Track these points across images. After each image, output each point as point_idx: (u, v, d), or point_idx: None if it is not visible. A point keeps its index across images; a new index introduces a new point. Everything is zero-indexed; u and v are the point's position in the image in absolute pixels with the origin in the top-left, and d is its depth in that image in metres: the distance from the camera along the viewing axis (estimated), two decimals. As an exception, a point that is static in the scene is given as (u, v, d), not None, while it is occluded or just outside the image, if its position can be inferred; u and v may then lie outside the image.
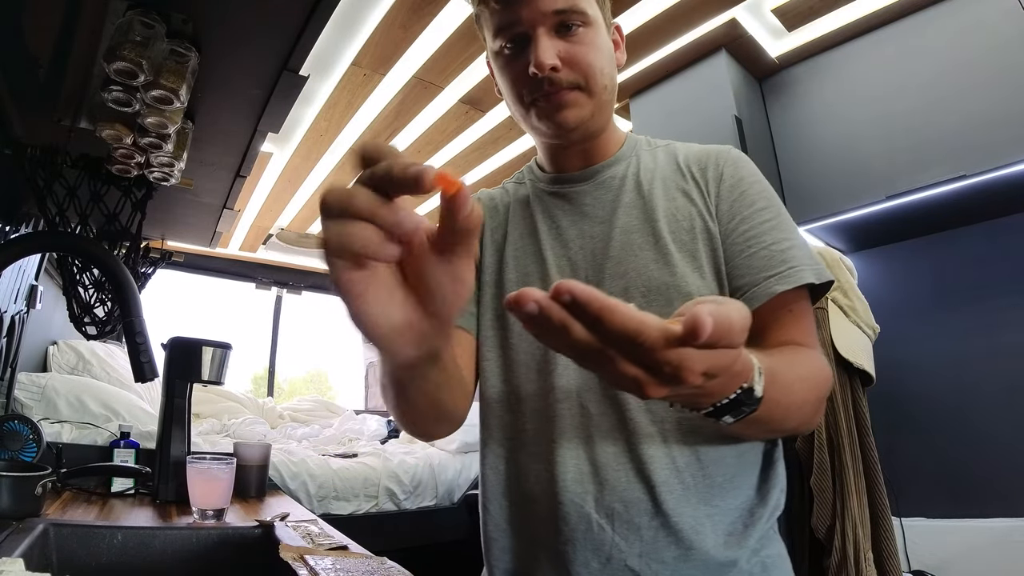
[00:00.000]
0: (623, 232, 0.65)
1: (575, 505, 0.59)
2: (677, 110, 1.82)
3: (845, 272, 1.56)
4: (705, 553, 0.56)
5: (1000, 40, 1.36)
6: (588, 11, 0.63)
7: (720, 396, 0.40)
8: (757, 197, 0.63)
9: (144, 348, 0.92)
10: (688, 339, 0.29)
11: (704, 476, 0.58)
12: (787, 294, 0.58)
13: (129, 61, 0.82)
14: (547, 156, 0.74)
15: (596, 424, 0.60)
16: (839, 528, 1.33)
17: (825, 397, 0.57)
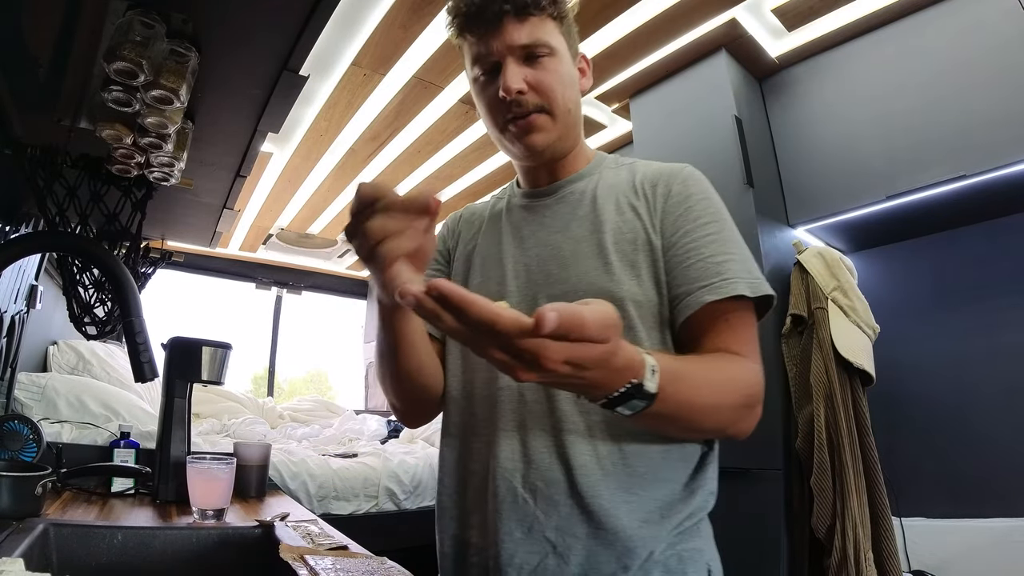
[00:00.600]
0: (573, 242, 0.73)
1: (505, 480, 0.67)
2: (677, 110, 1.82)
3: (845, 272, 1.56)
4: (615, 534, 0.62)
5: (1000, 40, 1.36)
6: (552, 43, 0.71)
7: (609, 388, 0.47)
8: (702, 213, 0.69)
9: (144, 348, 0.92)
10: (536, 330, 0.36)
11: (625, 465, 0.64)
12: (722, 304, 0.63)
13: (129, 61, 0.82)
14: (521, 173, 0.83)
15: (531, 412, 0.68)
16: (839, 528, 1.33)
17: (751, 405, 0.62)
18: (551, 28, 0.72)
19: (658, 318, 0.68)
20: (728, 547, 1.49)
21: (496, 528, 0.66)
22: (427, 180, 2.50)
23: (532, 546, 0.64)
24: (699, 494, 0.67)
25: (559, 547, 0.63)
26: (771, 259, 1.56)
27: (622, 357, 0.45)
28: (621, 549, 0.62)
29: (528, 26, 0.70)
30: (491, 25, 0.70)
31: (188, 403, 1.42)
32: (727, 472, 1.46)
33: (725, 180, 1.63)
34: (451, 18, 0.74)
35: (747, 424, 0.62)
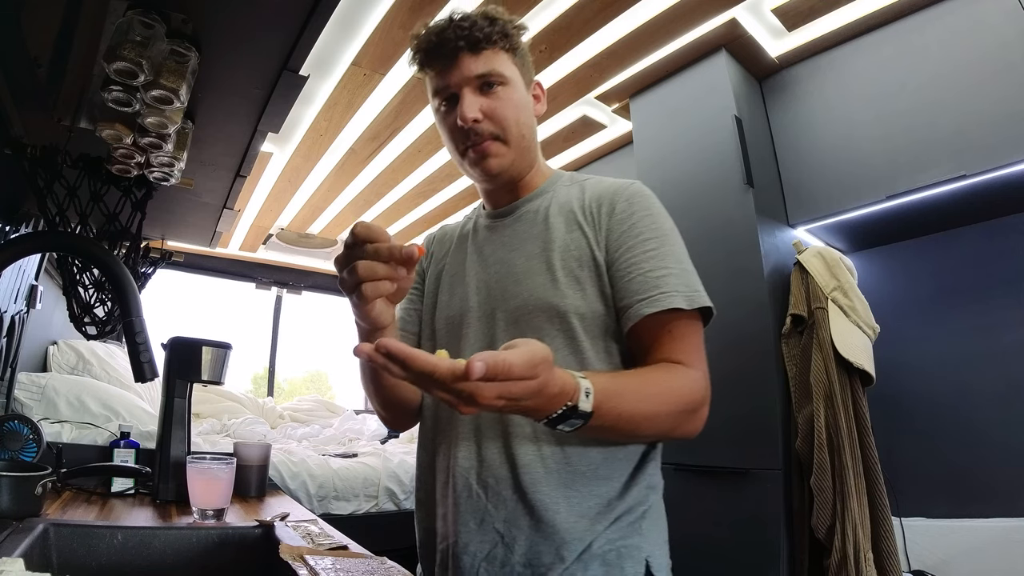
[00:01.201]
0: (525, 259, 0.79)
1: (463, 477, 0.74)
2: (677, 110, 1.82)
3: (845, 272, 1.56)
4: (555, 527, 0.68)
5: (1000, 40, 1.36)
6: (505, 73, 0.78)
7: (547, 411, 0.54)
8: (644, 229, 0.74)
9: (144, 348, 0.92)
10: (466, 376, 0.44)
11: (567, 464, 0.71)
12: (664, 316, 0.69)
13: (129, 61, 0.82)
14: (483, 196, 0.89)
15: (486, 419, 0.75)
16: (839, 528, 1.33)
17: (692, 409, 0.67)
18: (504, 59, 0.78)
19: (603, 328, 0.74)
20: (728, 547, 1.49)
21: (455, 519, 0.73)
22: (427, 180, 2.50)
23: (484, 536, 0.71)
24: (636, 489, 0.72)
25: (506, 537, 0.70)
26: (771, 259, 1.56)
27: (555, 385, 0.52)
28: (559, 541, 0.68)
29: (482, 59, 0.76)
30: (449, 60, 0.77)
31: (188, 403, 1.42)
32: (726, 472, 1.47)
33: (725, 180, 1.63)
34: (413, 54, 0.82)
35: (691, 427, 0.68)
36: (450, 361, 0.45)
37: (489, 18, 0.77)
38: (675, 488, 1.57)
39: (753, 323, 1.52)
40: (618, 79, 1.86)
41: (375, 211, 2.85)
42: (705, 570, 1.44)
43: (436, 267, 0.91)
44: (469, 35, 0.76)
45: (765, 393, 1.47)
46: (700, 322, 0.72)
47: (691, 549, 1.53)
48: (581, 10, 1.52)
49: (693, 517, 1.52)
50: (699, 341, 0.72)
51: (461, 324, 0.80)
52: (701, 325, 0.73)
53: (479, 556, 0.70)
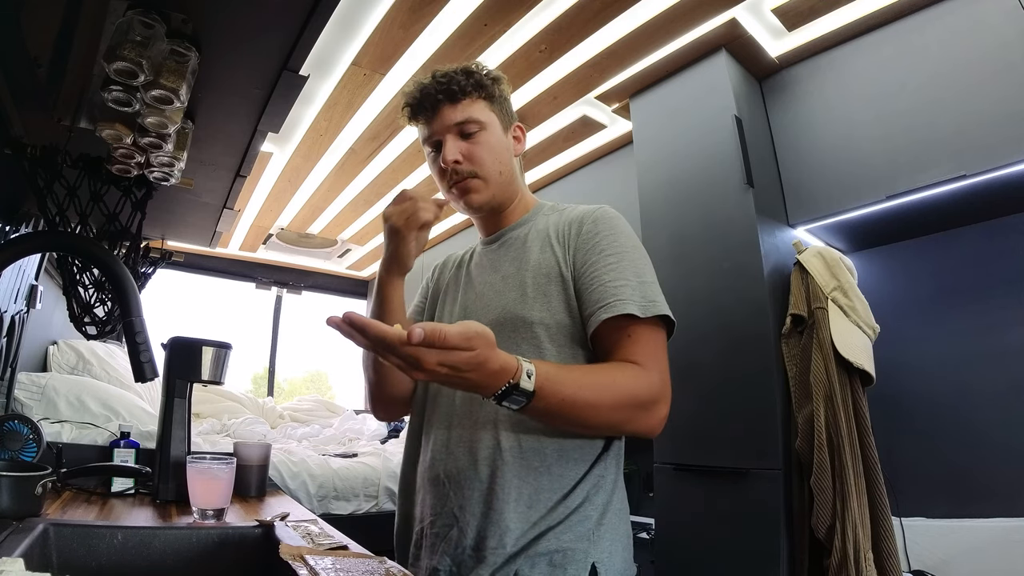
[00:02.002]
0: (502, 279, 0.90)
1: (434, 468, 0.83)
2: (677, 110, 1.82)
3: (845, 272, 1.56)
4: (502, 516, 0.75)
5: (1000, 40, 1.36)
6: (482, 118, 0.89)
7: (492, 388, 0.62)
8: (606, 246, 0.83)
9: (144, 348, 0.92)
10: (408, 340, 0.53)
11: (522, 458, 0.78)
12: (622, 322, 0.76)
13: (129, 61, 0.82)
14: (476, 225, 1.02)
15: (457, 412, 0.84)
16: (839, 528, 1.33)
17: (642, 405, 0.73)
18: (481, 107, 0.89)
19: (569, 337, 0.82)
20: (728, 547, 1.49)
21: (424, 503, 0.84)
22: (427, 180, 2.50)
23: (444, 519, 0.80)
24: (583, 489, 0.78)
25: (460, 521, 0.78)
26: (771, 259, 1.56)
27: (495, 363, 0.60)
28: (503, 529, 0.74)
29: (460, 108, 0.87)
30: (431, 111, 0.88)
31: (188, 403, 1.42)
32: (726, 472, 1.47)
33: (725, 180, 1.63)
34: (403, 107, 0.92)
35: (644, 424, 0.74)
36: (398, 328, 0.54)
37: (466, 72, 0.88)
38: (675, 488, 1.59)
39: (753, 323, 1.52)
40: (618, 79, 1.86)
41: (375, 211, 2.85)
42: (705, 570, 1.44)
43: (436, 287, 1.04)
44: (447, 88, 0.87)
45: (765, 393, 1.47)
46: (662, 331, 0.79)
47: (691, 549, 1.53)
48: (581, 10, 1.52)
49: (693, 517, 1.52)
50: (657, 346, 0.78)
51: None
52: (662, 333, 0.79)
53: (440, 536, 0.79)
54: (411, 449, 0.93)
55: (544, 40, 1.62)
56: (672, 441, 1.59)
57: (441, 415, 0.86)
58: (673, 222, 1.74)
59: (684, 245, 1.68)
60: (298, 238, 3.23)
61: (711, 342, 1.57)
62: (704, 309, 1.59)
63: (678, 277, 1.66)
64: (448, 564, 0.77)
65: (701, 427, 1.53)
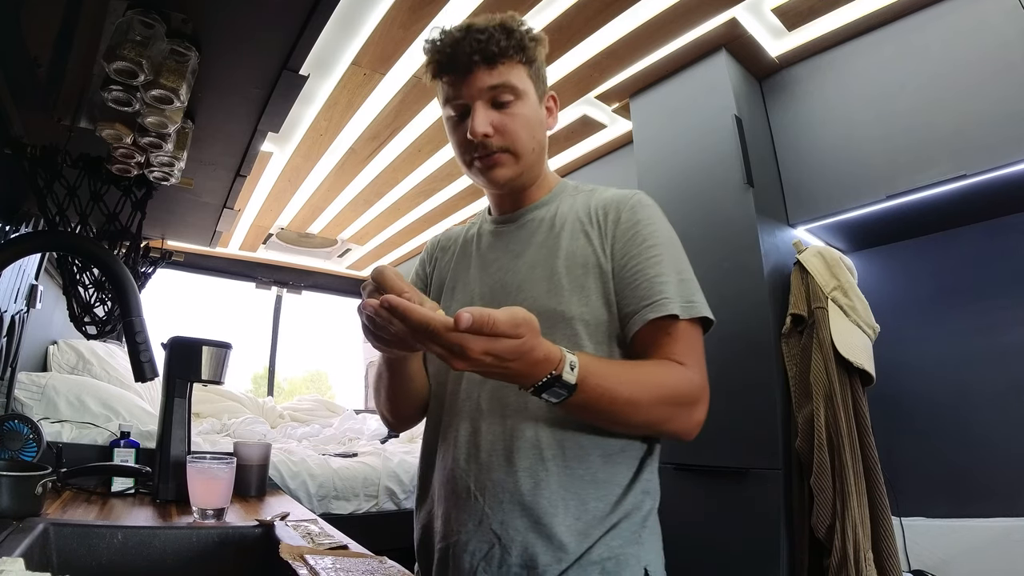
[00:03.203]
0: (528, 267, 0.80)
1: (461, 479, 0.75)
2: (677, 110, 1.82)
3: (845, 272, 1.56)
4: (551, 530, 0.69)
5: (1000, 40, 1.36)
6: (519, 85, 0.77)
7: (533, 378, 0.57)
8: (647, 236, 0.76)
9: (144, 348, 0.92)
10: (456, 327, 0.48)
11: (566, 469, 0.71)
12: (662, 321, 0.71)
13: (129, 61, 0.82)
14: (490, 201, 0.91)
15: (484, 416, 0.75)
16: (839, 528, 1.33)
17: (682, 404, 0.69)
18: (519, 72, 0.78)
19: (607, 334, 0.75)
20: (728, 547, 1.49)
21: (454, 520, 0.74)
22: (427, 180, 2.50)
23: (482, 536, 0.71)
24: (633, 495, 0.73)
25: (503, 539, 0.70)
26: (771, 259, 1.56)
27: (540, 351, 0.56)
28: (557, 544, 0.68)
29: (497, 72, 0.76)
30: (462, 71, 0.76)
31: (188, 403, 1.42)
32: (726, 472, 1.47)
33: (725, 180, 1.63)
34: (427, 62, 0.80)
35: (684, 424, 0.70)
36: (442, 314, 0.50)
37: (507, 30, 0.76)
38: (675, 488, 1.58)
39: (753, 323, 1.52)
40: (618, 79, 1.86)
41: (375, 211, 2.85)
42: (705, 570, 1.44)
43: (440, 274, 0.92)
44: (485, 48, 0.75)
45: (765, 393, 1.47)
46: (700, 329, 0.75)
47: (691, 549, 1.53)
48: (581, 10, 1.52)
49: (693, 517, 1.52)
50: (698, 345, 0.74)
51: None
52: (700, 332, 0.75)
53: (478, 555, 0.71)
54: (427, 454, 0.85)
55: (544, 40, 1.62)
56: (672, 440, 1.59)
57: (464, 418, 0.77)
58: (673, 222, 1.71)
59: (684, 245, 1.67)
60: (298, 238, 3.23)
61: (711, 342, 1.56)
62: (704, 309, 1.59)
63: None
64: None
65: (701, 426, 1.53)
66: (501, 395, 0.75)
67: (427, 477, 0.84)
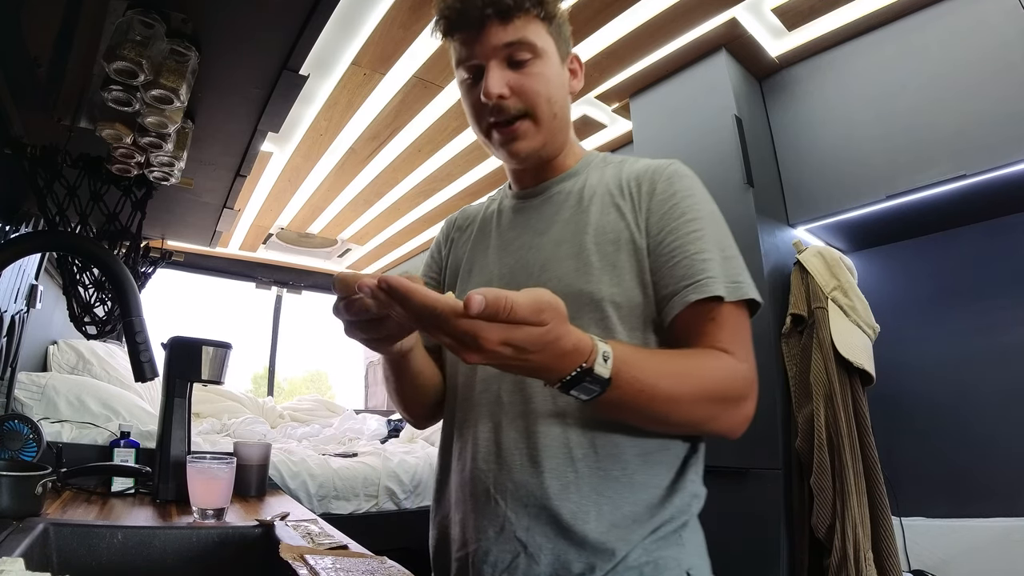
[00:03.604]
0: (554, 244, 0.72)
1: (480, 481, 0.67)
2: (677, 110, 1.82)
3: (845, 272, 1.56)
4: (584, 537, 0.61)
5: (1000, 40, 1.36)
6: (537, 43, 0.70)
7: (559, 372, 0.50)
8: (687, 209, 0.68)
9: (144, 348, 0.92)
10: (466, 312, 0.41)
11: (599, 468, 0.64)
12: (707, 304, 0.63)
13: (129, 61, 0.82)
14: (510, 175, 0.83)
15: (506, 411, 0.68)
16: (839, 528, 1.33)
17: (729, 400, 0.62)
18: (537, 29, 0.70)
19: (641, 319, 0.67)
20: (728, 547, 1.49)
21: (473, 526, 0.67)
22: (427, 180, 2.50)
23: (504, 545, 0.64)
24: (679, 497, 0.66)
25: (529, 547, 0.63)
26: (771, 259, 1.56)
27: (568, 341, 0.48)
28: (590, 551, 0.61)
29: (512, 27, 0.68)
30: (474, 28, 0.69)
31: (188, 403, 1.42)
32: (726, 472, 1.47)
33: (725, 180, 1.63)
34: (436, 19, 0.73)
35: (729, 422, 0.63)
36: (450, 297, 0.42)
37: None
38: (675, 488, 1.58)
39: (753, 323, 1.52)
40: (618, 79, 1.86)
41: (375, 211, 2.85)
42: (705, 570, 1.44)
43: (456, 256, 0.84)
44: (498, 1, 0.67)
45: (765, 393, 1.45)
46: (747, 313, 0.67)
47: (691, 549, 1.53)
48: (581, 10, 1.52)
49: (693, 517, 1.51)
50: (746, 331, 0.66)
51: None
52: (747, 316, 0.67)
53: (500, 567, 0.64)
54: (443, 453, 0.78)
55: (544, 40, 1.62)
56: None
57: (482, 413, 0.70)
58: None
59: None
60: (298, 238, 3.23)
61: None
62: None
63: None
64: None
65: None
66: (524, 386, 0.68)
67: (444, 479, 0.76)
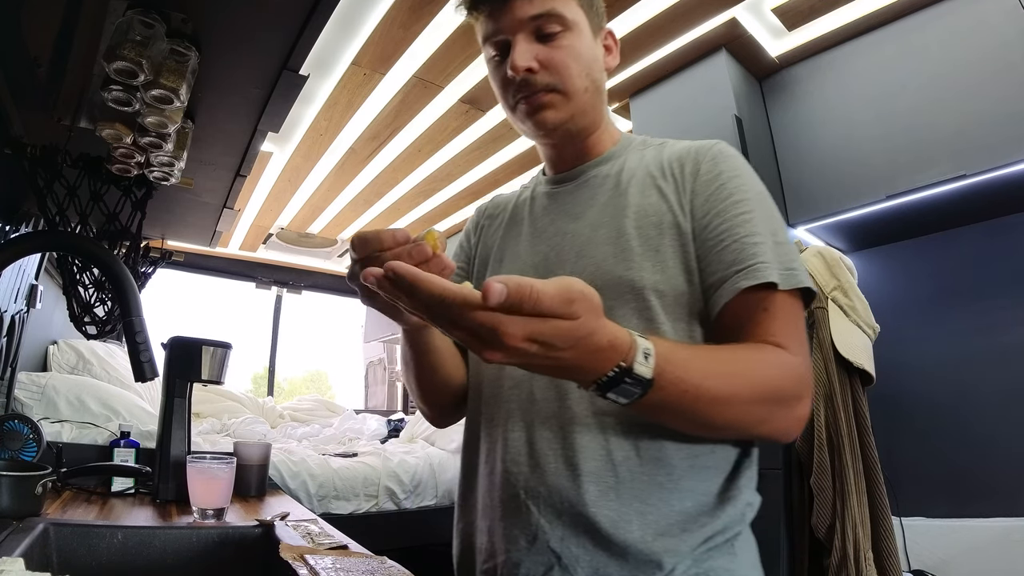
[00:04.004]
0: (591, 228, 0.68)
1: (509, 485, 0.62)
2: (677, 110, 1.82)
3: (845, 272, 1.56)
4: (625, 547, 0.56)
5: (1000, 40, 1.36)
6: (567, 15, 0.66)
7: (595, 372, 0.44)
8: (734, 190, 0.63)
9: (144, 347, 0.92)
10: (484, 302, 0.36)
11: (643, 473, 0.58)
12: (759, 292, 0.57)
13: (129, 61, 0.82)
14: (544, 157, 0.79)
15: (539, 410, 0.63)
16: (839, 527, 1.33)
17: (783, 400, 0.55)
18: (567, 1, 0.67)
19: (687, 309, 0.61)
20: (728, 547, 1.48)
21: (502, 535, 0.62)
22: (427, 180, 2.50)
23: (537, 556, 0.59)
24: (732, 505, 0.59)
25: (564, 558, 0.57)
26: (771, 259, 1.56)
27: (603, 336, 0.43)
28: (633, 563, 0.56)
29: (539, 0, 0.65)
30: (500, 1, 0.66)
31: (188, 403, 1.42)
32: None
33: (725, 180, 1.63)
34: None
35: (782, 423, 0.56)
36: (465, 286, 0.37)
37: None
38: (675, 488, 1.58)
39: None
40: (618, 79, 1.86)
41: (375, 211, 2.85)
42: (705, 570, 1.44)
43: (484, 246, 0.80)
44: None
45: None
46: (801, 304, 0.61)
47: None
48: (581, 10, 1.52)
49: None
50: (799, 323, 0.60)
51: None
52: (802, 307, 0.61)
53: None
54: (470, 455, 0.72)
55: (544, 40, 1.62)
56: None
57: (513, 416, 0.65)
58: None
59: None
60: (298, 238, 3.23)
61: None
62: (704, 309, 1.59)
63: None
64: None
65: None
66: (559, 382, 0.62)
67: (469, 484, 0.71)
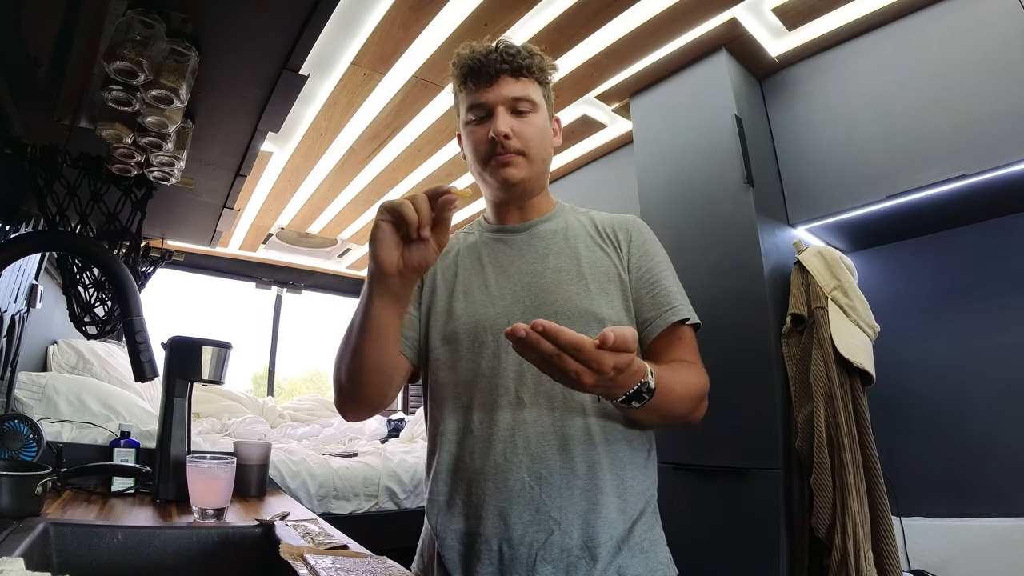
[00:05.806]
0: (554, 271, 0.86)
1: (515, 472, 0.77)
2: (677, 110, 1.82)
3: (845, 272, 1.56)
4: (608, 509, 0.76)
5: (1000, 40, 1.36)
6: (536, 99, 0.88)
7: (628, 387, 0.63)
8: (656, 252, 0.90)
9: (144, 347, 0.92)
10: (603, 345, 0.53)
11: (611, 449, 0.79)
12: (675, 326, 0.84)
13: (129, 60, 0.82)
14: (493, 212, 0.96)
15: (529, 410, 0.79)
16: (839, 527, 1.33)
17: (703, 398, 0.81)
18: (536, 89, 0.89)
19: None
20: (728, 547, 1.49)
21: (509, 513, 0.76)
22: (427, 180, 2.50)
23: (539, 525, 0.75)
24: (650, 477, 0.84)
25: (562, 524, 0.74)
26: (771, 258, 1.56)
27: (637, 363, 0.61)
28: (610, 521, 0.75)
29: (520, 84, 0.86)
30: (489, 80, 0.85)
31: (188, 402, 1.42)
32: (726, 472, 1.47)
33: (725, 180, 1.63)
34: (456, 70, 0.88)
35: (699, 413, 0.82)
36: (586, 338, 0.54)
37: (531, 52, 0.88)
38: (675, 488, 1.58)
39: (753, 322, 1.52)
40: (618, 79, 1.86)
41: (375, 211, 2.85)
42: (705, 570, 1.44)
43: (444, 276, 0.91)
44: (513, 61, 0.86)
45: (765, 392, 1.47)
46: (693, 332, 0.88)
47: (691, 549, 1.53)
48: (581, 10, 1.52)
49: (693, 517, 1.52)
50: (696, 347, 0.87)
51: (486, 330, 0.83)
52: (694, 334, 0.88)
53: (535, 546, 0.74)
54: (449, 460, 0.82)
55: (544, 39, 1.62)
56: (672, 440, 1.59)
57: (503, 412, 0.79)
58: (673, 222, 1.74)
59: (684, 245, 1.68)
60: (298, 238, 3.23)
61: (711, 341, 1.56)
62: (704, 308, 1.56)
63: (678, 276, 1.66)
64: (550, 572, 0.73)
65: (701, 426, 1.51)
66: (546, 388, 0.79)
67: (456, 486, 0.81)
